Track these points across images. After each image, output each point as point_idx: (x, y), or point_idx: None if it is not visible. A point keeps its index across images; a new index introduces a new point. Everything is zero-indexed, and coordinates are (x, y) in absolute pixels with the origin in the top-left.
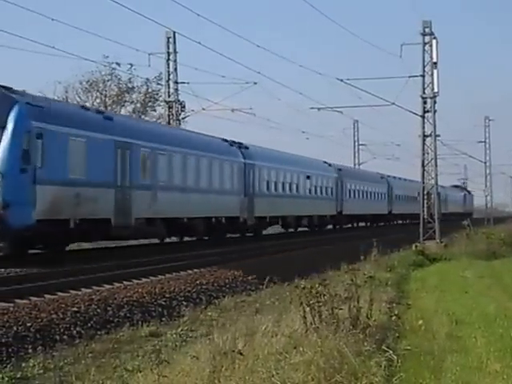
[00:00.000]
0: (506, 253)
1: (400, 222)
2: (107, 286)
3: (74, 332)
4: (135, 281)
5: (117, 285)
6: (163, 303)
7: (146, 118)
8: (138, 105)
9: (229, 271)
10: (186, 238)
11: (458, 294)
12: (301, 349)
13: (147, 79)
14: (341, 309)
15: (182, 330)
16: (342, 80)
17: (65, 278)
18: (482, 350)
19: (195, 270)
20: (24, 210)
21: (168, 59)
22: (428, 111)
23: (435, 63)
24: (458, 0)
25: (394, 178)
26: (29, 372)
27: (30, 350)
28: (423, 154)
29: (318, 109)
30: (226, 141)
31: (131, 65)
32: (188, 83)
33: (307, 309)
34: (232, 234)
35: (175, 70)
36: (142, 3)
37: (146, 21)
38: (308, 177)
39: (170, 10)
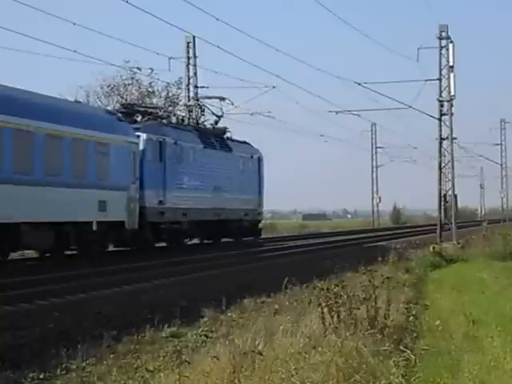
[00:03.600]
0: None
1: None
2: (127, 288)
3: (96, 333)
4: (155, 282)
5: (137, 286)
6: (184, 304)
7: None
8: None
9: (249, 272)
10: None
11: (474, 294)
12: (320, 349)
13: (167, 83)
14: (358, 308)
15: (202, 331)
16: (359, 84)
17: (86, 280)
18: (499, 350)
19: (216, 271)
20: None
21: (188, 63)
22: (445, 114)
23: (452, 67)
24: (474, 2)
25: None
26: (51, 372)
27: (53, 351)
28: (440, 157)
29: (336, 112)
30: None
31: (152, 69)
32: (208, 87)
33: (325, 309)
34: None
35: (195, 74)
36: (162, 8)
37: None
38: None
39: (189, 14)
